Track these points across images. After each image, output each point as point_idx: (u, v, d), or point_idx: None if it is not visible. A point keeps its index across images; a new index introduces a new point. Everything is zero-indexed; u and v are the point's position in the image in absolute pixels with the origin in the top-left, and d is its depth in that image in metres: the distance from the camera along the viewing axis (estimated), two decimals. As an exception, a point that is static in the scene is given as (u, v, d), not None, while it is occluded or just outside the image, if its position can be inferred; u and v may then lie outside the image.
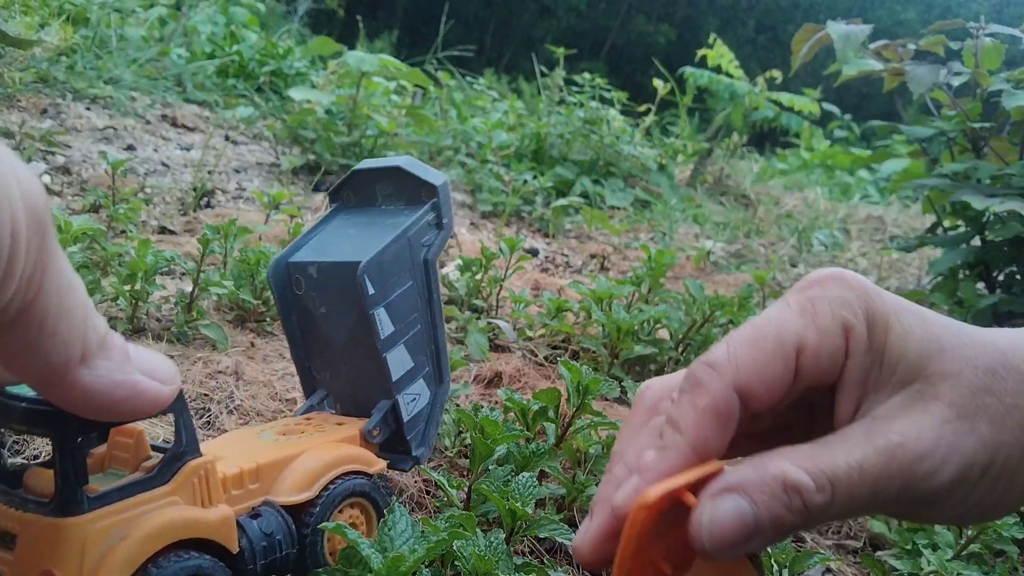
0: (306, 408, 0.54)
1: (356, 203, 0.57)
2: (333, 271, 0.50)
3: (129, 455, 0.39)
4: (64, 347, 0.29)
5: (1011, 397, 0.35)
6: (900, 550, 0.75)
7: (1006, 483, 0.35)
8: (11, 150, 0.28)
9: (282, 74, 3.09)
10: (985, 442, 0.34)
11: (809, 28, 1.60)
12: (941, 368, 0.36)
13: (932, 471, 0.34)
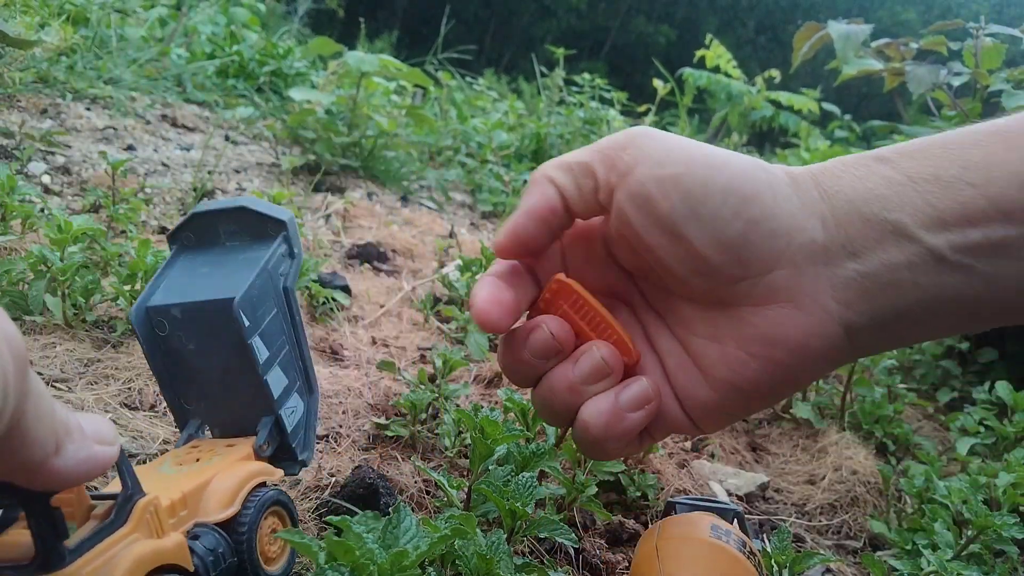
0: (185, 438, 0.58)
1: (197, 244, 0.60)
2: (199, 310, 0.54)
3: (73, 508, 0.43)
4: (42, 447, 0.34)
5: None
6: (900, 550, 0.75)
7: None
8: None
9: (282, 74, 3.09)
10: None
11: (810, 27, 1.60)
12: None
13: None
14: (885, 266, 0.39)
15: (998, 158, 0.37)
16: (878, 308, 0.39)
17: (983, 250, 0.37)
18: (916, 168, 0.39)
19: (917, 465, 0.91)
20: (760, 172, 0.40)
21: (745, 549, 0.54)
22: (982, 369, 1.32)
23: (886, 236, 0.38)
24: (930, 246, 0.38)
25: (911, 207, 0.38)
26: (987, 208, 0.37)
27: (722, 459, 0.94)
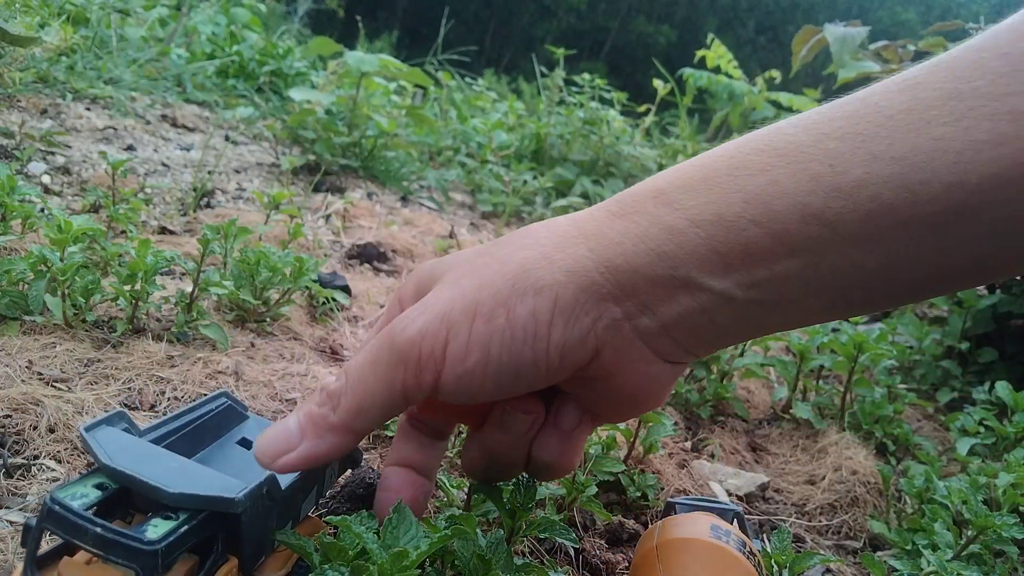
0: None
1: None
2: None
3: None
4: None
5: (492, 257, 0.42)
6: (900, 550, 0.75)
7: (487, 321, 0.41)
8: None
9: (282, 74, 3.09)
10: (464, 292, 0.41)
11: (808, 30, 1.60)
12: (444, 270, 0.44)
13: (407, 323, 0.41)
14: (680, 316, 0.41)
15: (780, 187, 0.38)
16: (689, 346, 0.42)
17: (771, 284, 0.39)
18: (699, 208, 0.39)
19: (917, 465, 0.91)
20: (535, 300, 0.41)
21: (745, 549, 0.54)
22: (982, 369, 1.32)
23: (676, 290, 0.40)
24: (719, 291, 0.39)
25: (696, 258, 0.39)
26: (772, 245, 0.38)
27: (722, 459, 0.94)
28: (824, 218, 0.37)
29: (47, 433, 0.64)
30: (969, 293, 1.36)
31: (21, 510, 0.55)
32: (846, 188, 0.37)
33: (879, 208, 0.37)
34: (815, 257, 0.38)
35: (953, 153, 0.36)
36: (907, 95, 0.38)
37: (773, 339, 1.15)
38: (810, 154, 0.38)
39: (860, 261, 0.38)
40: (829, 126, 0.39)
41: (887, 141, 0.37)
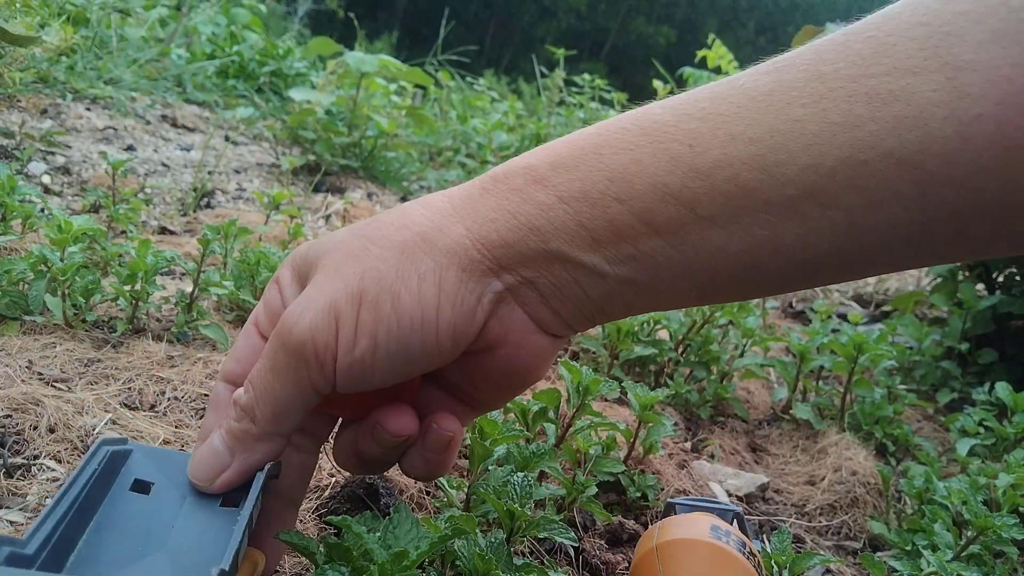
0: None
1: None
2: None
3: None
4: None
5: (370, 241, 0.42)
6: (900, 551, 0.75)
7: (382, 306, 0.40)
8: None
9: (282, 74, 3.09)
10: (347, 280, 0.41)
11: (808, 30, 1.60)
12: (321, 253, 0.43)
13: (295, 321, 0.41)
14: (556, 288, 0.42)
15: (642, 166, 0.39)
16: (568, 318, 0.43)
17: (638, 262, 0.40)
18: (567, 186, 0.40)
19: (917, 466, 0.91)
20: (430, 303, 0.41)
21: (745, 550, 0.54)
22: (982, 370, 1.32)
23: (550, 262, 0.41)
24: (590, 265, 0.40)
25: (566, 233, 0.40)
26: (635, 223, 0.39)
27: (722, 460, 0.94)
28: (683, 198, 0.38)
29: (47, 433, 0.64)
30: (968, 293, 1.36)
31: (21, 510, 0.56)
32: (704, 168, 0.38)
33: (736, 189, 0.37)
34: (676, 237, 0.39)
35: (809, 135, 0.36)
36: (772, 77, 0.38)
37: (773, 339, 1.15)
38: (672, 134, 0.39)
39: (721, 243, 0.38)
40: (694, 107, 0.39)
41: (746, 122, 0.37)
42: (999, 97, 0.34)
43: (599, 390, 0.68)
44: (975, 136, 0.34)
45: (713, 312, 1.09)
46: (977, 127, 0.34)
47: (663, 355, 1.08)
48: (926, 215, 0.36)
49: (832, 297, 1.97)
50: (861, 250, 0.38)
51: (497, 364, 0.44)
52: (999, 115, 0.34)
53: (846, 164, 0.36)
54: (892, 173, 0.36)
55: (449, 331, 0.41)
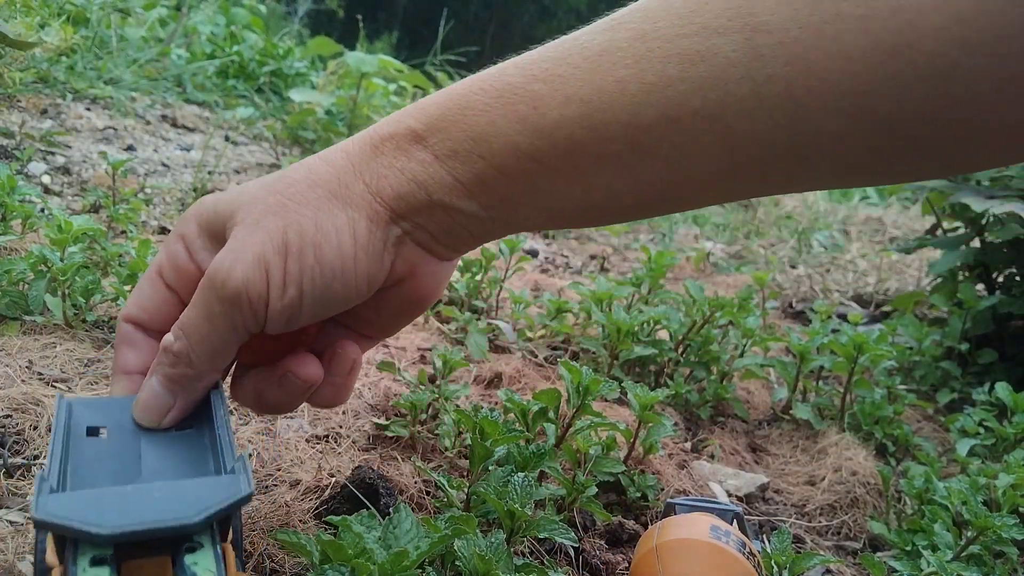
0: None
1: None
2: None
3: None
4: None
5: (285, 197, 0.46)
6: (900, 551, 0.75)
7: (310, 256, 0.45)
8: None
9: (282, 75, 3.09)
10: (271, 233, 0.45)
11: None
12: (233, 208, 0.47)
13: (227, 273, 0.44)
14: (443, 229, 0.48)
15: (497, 127, 0.44)
16: (457, 245, 0.49)
17: (504, 206, 0.46)
18: (440, 146, 0.46)
19: (917, 466, 0.91)
20: (346, 246, 0.46)
21: (745, 550, 0.54)
22: (982, 370, 1.32)
23: (435, 209, 0.47)
24: (468, 212, 0.46)
25: (445, 186, 0.46)
26: (497, 176, 0.45)
27: (722, 460, 0.94)
28: (532, 155, 0.43)
29: (47, 433, 0.64)
30: (968, 293, 1.36)
31: (21, 510, 0.55)
32: (546, 129, 0.43)
33: (573, 146, 0.42)
34: (530, 184, 0.45)
35: (629, 95, 0.40)
36: (606, 36, 0.42)
37: (773, 340, 1.15)
38: (519, 95, 0.43)
39: (566, 189, 0.44)
40: (538, 67, 0.44)
41: (579, 83, 0.42)
42: (788, 58, 0.37)
43: (599, 390, 0.68)
44: (768, 95, 0.38)
45: (713, 312, 1.09)
46: (769, 87, 0.38)
47: (663, 355, 1.08)
48: (734, 165, 0.41)
49: (832, 297, 1.97)
50: (684, 195, 0.44)
51: (402, 295, 0.51)
52: (788, 75, 0.37)
53: (660, 122, 0.40)
54: (700, 128, 0.40)
55: (365, 276, 0.47)
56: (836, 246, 2.66)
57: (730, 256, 2.33)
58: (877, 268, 2.33)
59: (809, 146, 0.39)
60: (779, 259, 2.33)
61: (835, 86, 0.37)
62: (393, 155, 0.47)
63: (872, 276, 2.25)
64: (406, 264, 0.49)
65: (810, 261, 2.41)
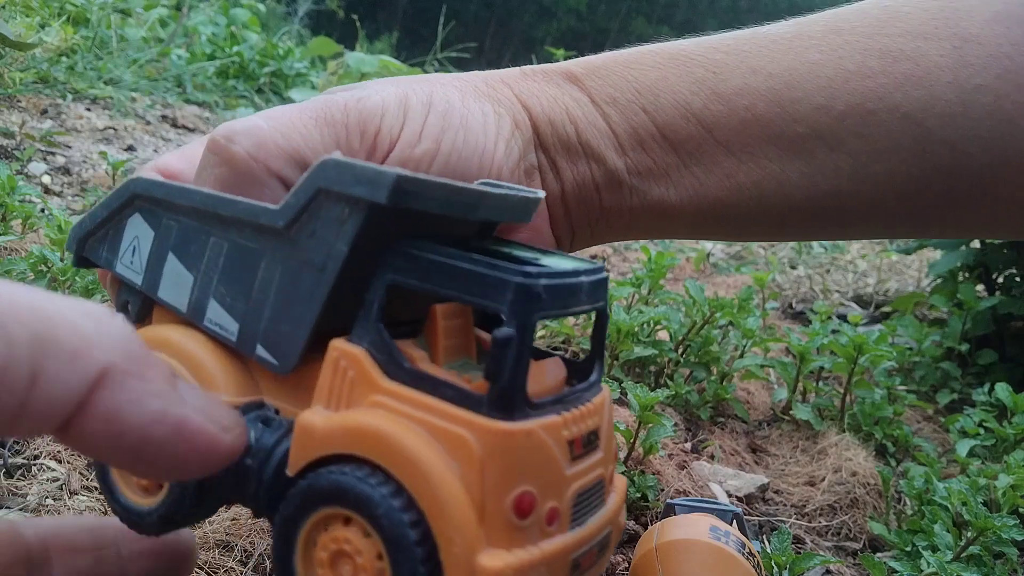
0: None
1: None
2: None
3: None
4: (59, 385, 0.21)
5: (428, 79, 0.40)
6: (900, 552, 0.75)
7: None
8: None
9: (282, 75, 3.09)
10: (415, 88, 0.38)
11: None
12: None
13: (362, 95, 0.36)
14: (576, 183, 0.42)
15: (669, 83, 0.40)
16: (576, 221, 0.43)
17: (653, 176, 0.41)
18: (599, 89, 0.41)
19: (917, 467, 0.91)
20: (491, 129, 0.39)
21: (744, 550, 0.54)
22: (982, 371, 1.32)
23: (579, 155, 0.41)
24: (611, 168, 0.41)
25: (596, 130, 0.41)
26: (656, 135, 0.40)
27: (722, 460, 0.94)
28: (703, 119, 0.39)
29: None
30: (968, 294, 1.36)
31: (21, 510, 0.55)
32: (725, 94, 0.39)
33: (753, 118, 0.39)
34: (691, 157, 0.40)
35: (824, 78, 0.38)
36: (793, 28, 0.41)
37: (773, 341, 1.15)
38: (697, 60, 0.40)
39: (731, 170, 0.40)
40: (719, 42, 0.41)
41: (767, 59, 0.39)
42: (999, 71, 0.36)
43: (599, 391, 0.68)
44: (974, 104, 0.37)
45: (714, 313, 1.09)
46: (977, 96, 0.37)
47: (663, 356, 1.08)
48: (921, 171, 0.38)
49: (832, 298, 1.97)
50: (859, 198, 0.40)
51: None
52: (998, 88, 0.36)
53: (855, 111, 0.38)
54: (896, 126, 0.37)
55: (498, 169, 0.39)
56: (836, 247, 2.66)
57: (730, 257, 2.33)
58: (877, 269, 2.33)
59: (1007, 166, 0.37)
60: (779, 260, 2.33)
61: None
62: (544, 83, 0.42)
63: (872, 277, 2.25)
64: None
65: (810, 262, 2.41)
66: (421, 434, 0.25)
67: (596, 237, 0.44)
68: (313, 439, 0.26)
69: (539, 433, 0.25)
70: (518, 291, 0.25)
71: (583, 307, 0.28)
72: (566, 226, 0.43)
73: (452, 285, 0.26)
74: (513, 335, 0.25)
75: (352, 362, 0.27)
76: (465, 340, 0.30)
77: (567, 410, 0.27)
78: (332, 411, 0.27)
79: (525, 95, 0.41)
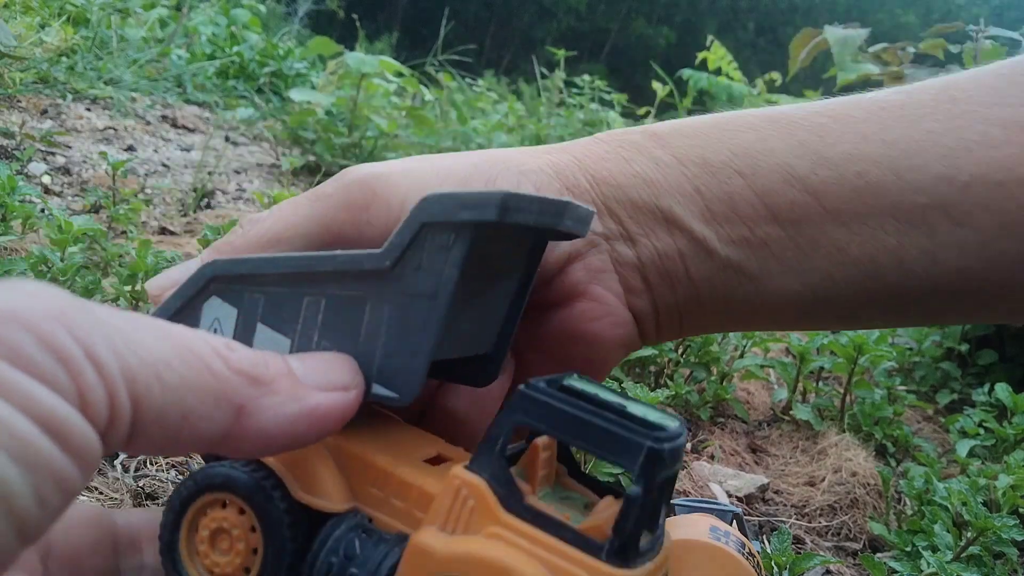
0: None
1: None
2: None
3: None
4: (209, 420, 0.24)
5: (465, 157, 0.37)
6: (900, 552, 0.75)
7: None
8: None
9: (282, 75, 3.09)
10: (436, 166, 0.36)
11: (808, 32, 1.60)
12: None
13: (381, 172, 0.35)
14: (657, 254, 0.37)
15: (767, 145, 0.36)
16: (658, 297, 0.38)
17: (751, 248, 0.36)
18: (687, 151, 0.37)
19: (917, 467, 0.91)
20: (519, 177, 0.36)
21: (744, 550, 0.54)
22: (982, 371, 1.32)
23: (658, 223, 0.37)
24: (699, 236, 0.36)
25: (680, 193, 0.36)
26: (754, 202, 0.36)
27: (722, 461, 0.94)
28: (809, 184, 0.36)
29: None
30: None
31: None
32: (833, 159, 0.36)
33: (866, 186, 0.35)
34: (796, 228, 0.36)
35: (944, 147, 0.35)
36: (902, 95, 0.37)
37: (773, 341, 1.15)
38: (800, 124, 0.37)
39: (843, 243, 0.36)
40: (822, 107, 0.38)
41: (879, 125, 0.36)
42: None
43: (599, 391, 0.68)
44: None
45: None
46: None
47: (663, 356, 1.08)
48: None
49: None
50: (989, 277, 0.36)
51: (557, 328, 0.38)
52: None
53: (981, 182, 0.34)
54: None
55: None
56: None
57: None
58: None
59: None
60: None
61: None
62: (619, 146, 0.38)
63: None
64: (587, 274, 0.37)
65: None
66: (542, 571, 0.26)
67: (686, 323, 0.39)
68: (431, 561, 0.27)
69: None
70: (649, 455, 0.26)
71: (679, 465, 0.29)
72: (646, 302, 0.38)
73: (583, 437, 0.27)
74: (640, 494, 0.26)
75: (473, 491, 0.28)
76: (551, 469, 0.32)
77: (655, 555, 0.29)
78: (448, 535, 0.28)
79: (589, 160, 0.38)
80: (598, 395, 0.29)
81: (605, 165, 0.37)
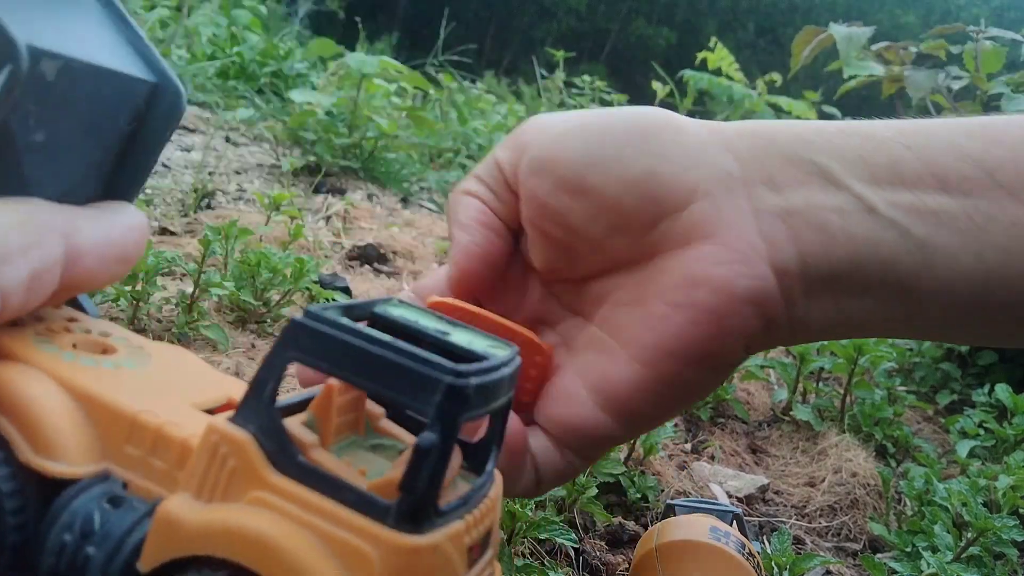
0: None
1: None
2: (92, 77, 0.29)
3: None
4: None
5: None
6: (900, 552, 0.75)
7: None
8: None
9: (283, 76, 3.09)
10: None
11: (810, 31, 1.60)
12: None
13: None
14: (811, 206, 0.33)
15: (934, 128, 0.34)
16: (807, 253, 0.33)
17: (918, 213, 0.33)
18: (850, 123, 0.35)
19: (917, 467, 0.91)
20: (661, 114, 0.36)
21: (744, 551, 0.54)
22: (982, 371, 1.32)
23: (812, 178, 0.33)
24: (860, 194, 0.33)
25: (839, 155, 0.34)
26: (921, 171, 0.33)
27: (722, 461, 0.94)
28: (983, 162, 0.32)
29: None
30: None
31: None
32: (1008, 142, 0.33)
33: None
34: (969, 200, 0.32)
35: None
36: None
37: (773, 341, 1.15)
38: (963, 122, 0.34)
39: (1019, 218, 0.32)
40: (974, 120, 0.35)
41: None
42: None
43: (599, 391, 0.68)
44: None
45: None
46: None
47: (663, 356, 1.08)
48: None
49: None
50: None
51: (681, 273, 0.34)
52: None
53: None
54: None
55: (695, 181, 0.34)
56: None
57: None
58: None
59: None
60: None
61: None
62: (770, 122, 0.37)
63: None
64: (716, 211, 0.35)
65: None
66: (313, 542, 0.22)
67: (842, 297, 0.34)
68: (178, 535, 0.22)
69: (445, 546, 0.23)
70: (448, 394, 0.21)
71: (501, 402, 0.24)
72: (791, 256, 0.33)
73: (368, 375, 0.22)
74: (437, 443, 0.21)
75: (234, 448, 0.23)
76: (355, 415, 0.27)
77: (469, 513, 0.24)
78: (203, 504, 0.23)
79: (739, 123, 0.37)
80: (415, 323, 0.25)
81: (755, 124, 0.36)
